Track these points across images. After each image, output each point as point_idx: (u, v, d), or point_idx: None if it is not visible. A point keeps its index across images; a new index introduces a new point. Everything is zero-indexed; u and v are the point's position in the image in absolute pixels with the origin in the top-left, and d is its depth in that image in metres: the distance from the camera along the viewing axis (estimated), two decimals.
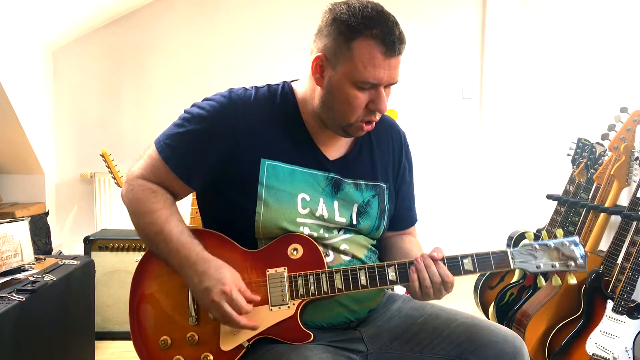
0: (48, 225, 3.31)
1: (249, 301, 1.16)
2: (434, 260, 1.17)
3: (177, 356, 1.19)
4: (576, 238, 1.21)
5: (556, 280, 1.22)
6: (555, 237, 1.22)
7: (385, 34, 1.12)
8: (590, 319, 2.23)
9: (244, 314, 1.15)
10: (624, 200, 2.54)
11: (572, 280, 1.20)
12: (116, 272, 2.77)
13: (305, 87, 1.26)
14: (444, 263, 1.17)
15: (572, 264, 1.19)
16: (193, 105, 1.25)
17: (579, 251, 1.19)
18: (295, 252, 1.20)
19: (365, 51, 1.12)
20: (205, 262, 1.16)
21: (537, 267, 1.19)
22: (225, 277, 1.15)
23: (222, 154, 1.21)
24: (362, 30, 1.12)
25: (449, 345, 1.23)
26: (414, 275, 1.16)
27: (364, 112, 1.18)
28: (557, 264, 1.19)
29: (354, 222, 1.27)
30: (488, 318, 2.77)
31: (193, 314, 1.20)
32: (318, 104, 1.22)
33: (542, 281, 1.24)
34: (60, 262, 2.12)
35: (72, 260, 2.17)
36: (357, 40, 1.12)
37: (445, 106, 3.80)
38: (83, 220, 3.68)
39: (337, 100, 1.18)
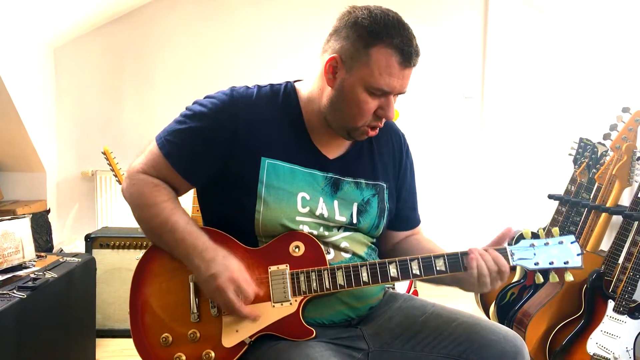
0: (49, 222, 3.31)
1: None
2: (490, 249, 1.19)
3: (179, 353, 1.19)
4: (572, 236, 1.23)
5: (553, 277, 1.23)
6: (552, 235, 1.24)
7: (405, 45, 1.13)
8: (591, 319, 2.23)
9: (247, 303, 1.16)
10: (625, 200, 2.54)
11: (570, 277, 1.22)
12: (117, 269, 2.77)
13: (312, 86, 1.26)
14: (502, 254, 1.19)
15: (569, 261, 1.21)
16: (195, 102, 1.26)
17: (575, 248, 1.22)
18: (297, 250, 1.21)
19: (383, 58, 1.13)
20: (213, 250, 1.17)
21: (535, 264, 1.21)
22: (232, 265, 1.16)
23: (222, 151, 1.21)
24: (383, 37, 1.12)
25: (450, 345, 1.23)
26: (473, 262, 1.17)
27: (371, 117, 1.20)
28: (554, 261, 1.21)
29: (354, 220, 1.28)
30: (489, 318, 2.77)
31: (195, 310, 1.20)
32: (326, 104, 1.22)
33: (540, 277, 1.26)
34: (61, 260, 2.12)
35: (73, 258, 2.18)
36: (377, 46, 1.13)
37: (447, 106, 3.79)
38: (84, 218, 3.68)
39: (347, 103, 1.18)
